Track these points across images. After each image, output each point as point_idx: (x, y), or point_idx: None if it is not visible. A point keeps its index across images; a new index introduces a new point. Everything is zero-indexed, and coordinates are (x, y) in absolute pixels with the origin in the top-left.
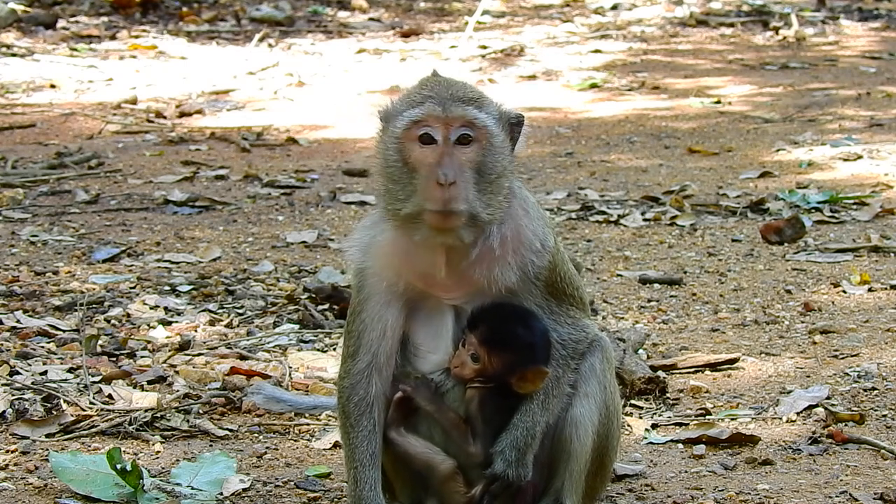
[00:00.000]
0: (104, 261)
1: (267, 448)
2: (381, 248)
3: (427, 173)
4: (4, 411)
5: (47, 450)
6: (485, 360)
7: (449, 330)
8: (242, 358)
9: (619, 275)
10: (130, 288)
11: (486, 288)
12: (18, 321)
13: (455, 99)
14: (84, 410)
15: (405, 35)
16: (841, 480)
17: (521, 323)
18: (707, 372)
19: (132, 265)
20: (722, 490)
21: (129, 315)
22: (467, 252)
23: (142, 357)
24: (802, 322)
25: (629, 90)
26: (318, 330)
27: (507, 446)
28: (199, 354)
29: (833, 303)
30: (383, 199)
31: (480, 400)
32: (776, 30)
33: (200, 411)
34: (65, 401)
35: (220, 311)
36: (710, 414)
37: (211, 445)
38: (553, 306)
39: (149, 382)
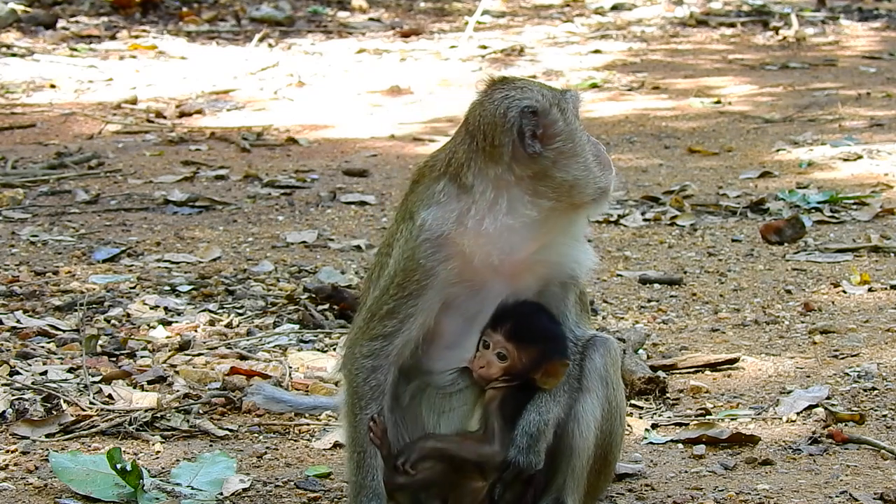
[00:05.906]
0: (104, 261)
1: (267, 448)
2: (470, 228)
3: (599, 152)
4: (4, 411)
5: (47, 450)
6: (514, 355)
7: (481, 325)
8: (242, 358)
9: (619, 275)
10: (130, 288)
11: (559, 276)
12: (18, 321)
13: None
14: (84, 410)
15: (405, 35)
16: (841, 480)
17: (545, 316)
18: (707, 372)
19: (132, 265)
20: (722, 490)
21: (129, 315)
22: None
23: (142, 357)
24: (802, 322)
25: (629, 90)
26: (318, 330)
27: (518, 433)
28: (199, 354)
29: (833, 303)
30: (585, 179)
31: (501, 399)
32: (776, 30)
33: (200, 411)
34: (65, 401)
35: (220, 311)
36: (710, 414)
37: (211, 445)
38: (571, 305)
39: (149, 382)
